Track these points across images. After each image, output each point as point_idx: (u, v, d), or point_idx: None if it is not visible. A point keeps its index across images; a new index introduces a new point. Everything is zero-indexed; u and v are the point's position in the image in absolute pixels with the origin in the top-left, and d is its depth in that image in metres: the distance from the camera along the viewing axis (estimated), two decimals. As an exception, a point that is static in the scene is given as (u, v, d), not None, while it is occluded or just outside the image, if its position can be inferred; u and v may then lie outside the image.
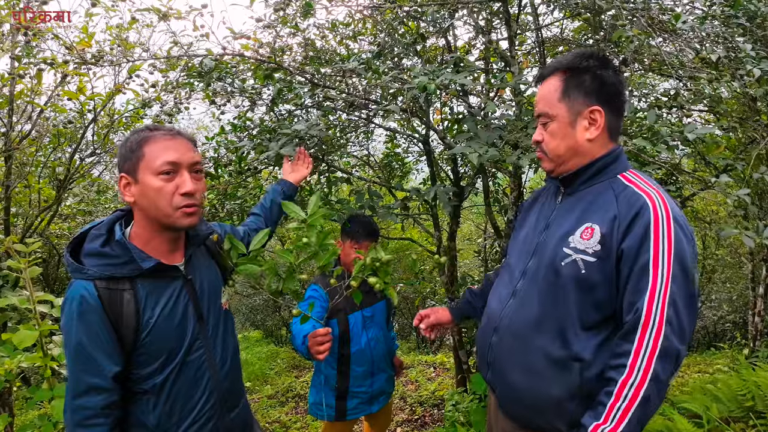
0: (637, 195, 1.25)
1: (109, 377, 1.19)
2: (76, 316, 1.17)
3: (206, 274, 1.41)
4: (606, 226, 1.24)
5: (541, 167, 1.46)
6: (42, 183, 4.14)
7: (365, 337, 2.41)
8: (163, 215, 1.24)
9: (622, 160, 1.37)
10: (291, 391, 5.23)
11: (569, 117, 1.34)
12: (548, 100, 1.36)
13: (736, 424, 2.35)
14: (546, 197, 1.53)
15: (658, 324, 1.14)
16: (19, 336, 1.83)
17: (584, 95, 1.32)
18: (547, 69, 1.41)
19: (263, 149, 2.51)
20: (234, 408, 1.45)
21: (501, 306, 1.44)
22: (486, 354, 1.46)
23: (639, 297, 1.17)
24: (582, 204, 1.34)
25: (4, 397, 2.05)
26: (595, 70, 1.32)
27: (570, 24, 3.64)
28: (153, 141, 1.23)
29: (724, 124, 2.49)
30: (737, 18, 2.26)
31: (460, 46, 3.62)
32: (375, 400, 2.50)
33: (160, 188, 1.21)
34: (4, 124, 3.37)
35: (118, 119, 3.92)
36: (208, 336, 1.36)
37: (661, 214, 1.20)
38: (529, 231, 1.48)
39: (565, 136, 1.35)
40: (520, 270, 1.44)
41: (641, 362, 1.14)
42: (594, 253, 1.24)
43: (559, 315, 1.29)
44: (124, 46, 2.96)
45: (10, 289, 2.73)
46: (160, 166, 1.21)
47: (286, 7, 2.71)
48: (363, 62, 2.72)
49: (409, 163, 4.77)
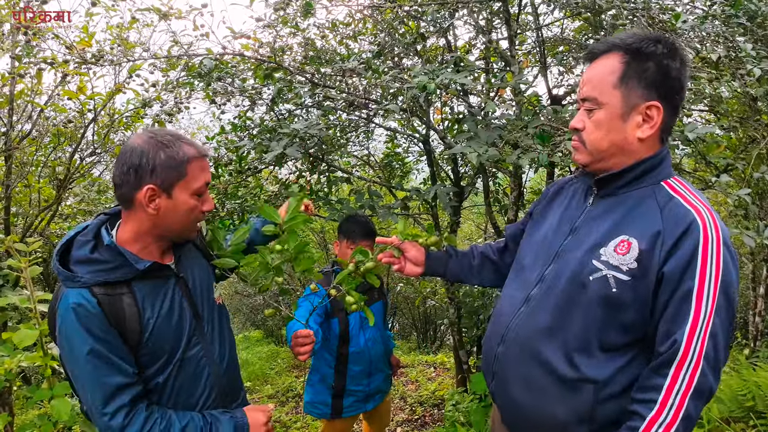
0: (685, 210, 1.10)
1: (129, 373, 1.20)
2: (79, 326, 1.15)
3: (197, 270, 1.42)
4: (646, 242, 1.09)
5: (574, 158, 1.27)
6: (42, 182, 4.14)
7: (363, 338, 2.41)
8: (183, 230, 1.30)
9: (667, 164, 1.19)
10: (291, 390, 5.24)
11: (622, 108, 1.14)
12: (600, 84, 1.16)
13: (736, 424, 2.35)
14: (572, 194, 1.35)
15: (696, 360, 1.03)
16: (20, 335, 1.83)
17: (644, 87, 1.12)
18: (602, 45, 1.20)
19: (263, 149, 2.51)
20: (235, 401, 1.47)
21: (511, 311, 1.31)
22: (491, 363, 1.35)
23: (678, 328, 1.04)
24: (619, 211, 1.18)
25: (4, 396, 2.05)
26: (661, 59, 1.12)
27: (570, 24, 3.64)
28: (196, 161, 1.25)
29: (725, 123, 2.48)
30: (738, 17, 2.26)
31: (460, 45, 3.61)
32: (371, 398, 2.51)
33: (194, 207, 1.27)
34: (5, 123, 3.36)
35: (118, 119, 3.91)
36: (205, 331, 1.37)
37: (711, 236, 1.06)
38: (549, 232, 1.32)
39: (612, 130, 1.15)
40: (536, 275, 1.28)
41: (674, 400, 1.03)
42: (629, 271, 1.09)
43: (576, 332, 1.16)
44: (124, 45, 2.96)
45: (11, 289, 2.73)
46: (200, 188, 1.26)
47: (286, 7, 2.71)
48: (363, 62, 2.72)
49: (409, 163, 4.76)
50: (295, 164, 3.61)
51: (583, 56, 1.25)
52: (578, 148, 1.23)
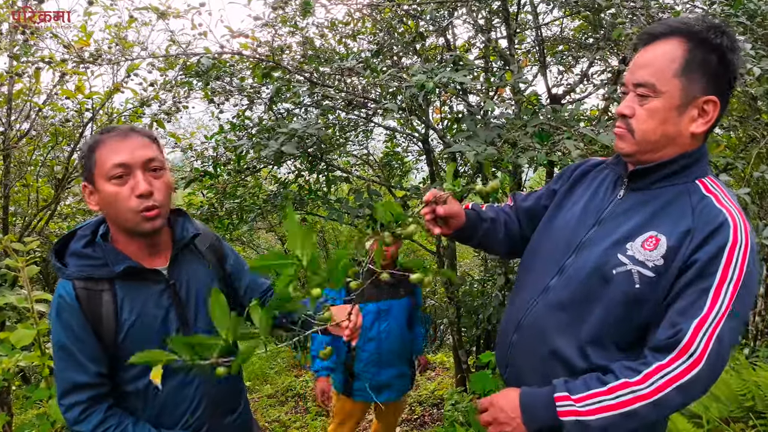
0: (717, 210, 1.06)
1: (92, 373, 1.18)
2: (55, 315, 1.18)
3: (195, 277, 1.33)
4: (675, 239, 1.05)
5: (616, 146, 1.17)
6: (40, 182, 4.13)
7: (377, 329, 2.51)
8: (125, 220, 1.18)
9: (705, 162, 1.14)
10: (291, 390, 5.23)
11: (681, 99, 1.06)
12: (659, 70, 1.07)
13: (736, 424, 2.34)
14: (600, 183, 1.28)
15: (697, 356, 0.99)
16: (17, 335, 1.82)
17: (706, 79, 1.06)
18: (662, 26, 1.11)
19: (262, 148, 2.51)
20: (230, 413, 1.40)
21: (529, 300, 1.25)
22: (506, 351, 1.30)
23: (686, 320, 1.01)
24: (651, 206, 1.13)
25: (2, 395, 2.05)
26: (725, 52, 1.06)
27: (570, 23, 3.63)
28: (102, 145, 1.17)
29: (725, 122, 2.48)
30: (737, 16, 2.25)
31: (459, 44, 3.61)
32: (383, 389, 2.58)
33: (116, 193, 1.16)
34: (3, 122, 3.36)
35: (116, 118, 3.91)
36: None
37: (740, 239, 1.02)
38: (572, 220, 1.25)
39: (667, 121, 1.08)
40: (556, 264, 1.22)
41: (658, 380, 1.01)
42: (654, 268, 1.06)
43: (593, 326, 1.12)
44: (122, 44, 2.96)
45: (9, 288, 2.73)
46: (110, 170, 1.15)
47: (285, 6, 2.71)
48: (362, 61, 2.72)
49: (408, 162, 4.76)
50: (294, 163, 3.61)
51: (638, 37, 1.17)
52: (624, 135, 1.13)
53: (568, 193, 1.34)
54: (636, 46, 1.19)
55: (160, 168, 1.22)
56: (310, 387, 5.06)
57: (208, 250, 1.40)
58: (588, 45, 3.18)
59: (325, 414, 4.29)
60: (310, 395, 4.85)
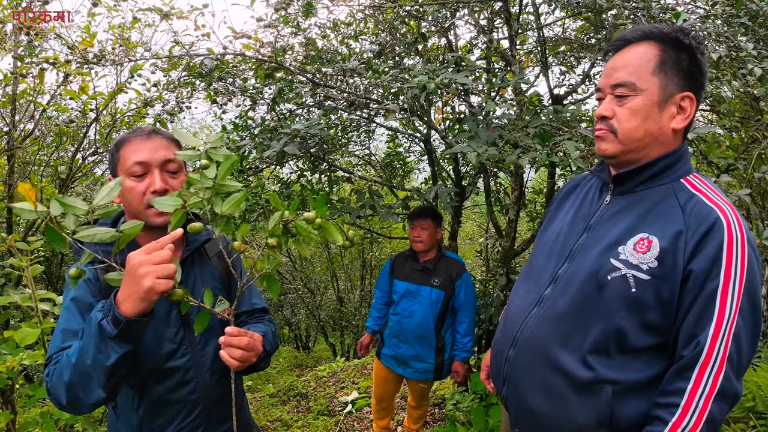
0: (708, 208, 1.06)
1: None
2: (70, 282, 1.16)
3: (201, 280, 1.35)
4: (667, 241, 1.05)
5: (598, 148, 1.19)
6: (44, 182, 4.16)
7: (401, 306, 2.71)
8: (136, 213, 1.26)
9: (687, 160, 1.16)
10: (293, 389, 5.24)
11: (659, 96, 1.10)
12: (638, 69, 1.11)
13: (736, 424, 2.34)
14: (586, 192, 1.30)
15: (719, 362, 1.00)
16: (21, 333, 1.84)
17: (681, 76, 1.10)
18: (634, 32, 1.16)
19: (265, 148, 2.52)
20: (226, 421, 1.38)
21: (523, 313, 1.25)
22: (502, 367, 1.29)
23: (701, 330, 1.01)
24: (638, 209, 1.14)
25: (6, 394, 2.06)
26: (694, 52, 1.11)
27: (572, 23, 3.64)
28: (127, 143, 1.26)
29: (726, 123, 2.48)
30: (739, 17, 2.26)
31: (461, 45, 3.61)
32: (402, 364, 2.75)
33: (132, 188, 1.24)
34: (7, 123, 3.38)
35: (120, 118, 3.93)
36: (196, 344, 1.31)
37: (735, 235, 1.03)
38: (563, 230, 1.27)
39: (649, 118, 1.11)
40: (549, 274, 1.23)
41: (697, 403, 1.00)
42: (649, 270, 1.06)
43: (594, 334, 1.11)
44: (126, 45, 2.97)
45: (13, 287, 2.75)
46: (130, 167, 1.23)
47: (287, 7, 2.72)
48: (364, 62, 2.73)
49: (410, 163, 4.77)
50: (296, 164, 3.62)
51: (610, 44, 1.21)
52: (605, 137, 1.16)
53: (557, 208, 1.37)
54: (607, 53, 1.24)
55: (178, 170, 1.29)
56: (312, 386, 5.07)
57: (216, 258, 1.42)
58: (590, 45, 3.18)
59: (326, 413, 4.30)
60: (312, 394, 4.86)
